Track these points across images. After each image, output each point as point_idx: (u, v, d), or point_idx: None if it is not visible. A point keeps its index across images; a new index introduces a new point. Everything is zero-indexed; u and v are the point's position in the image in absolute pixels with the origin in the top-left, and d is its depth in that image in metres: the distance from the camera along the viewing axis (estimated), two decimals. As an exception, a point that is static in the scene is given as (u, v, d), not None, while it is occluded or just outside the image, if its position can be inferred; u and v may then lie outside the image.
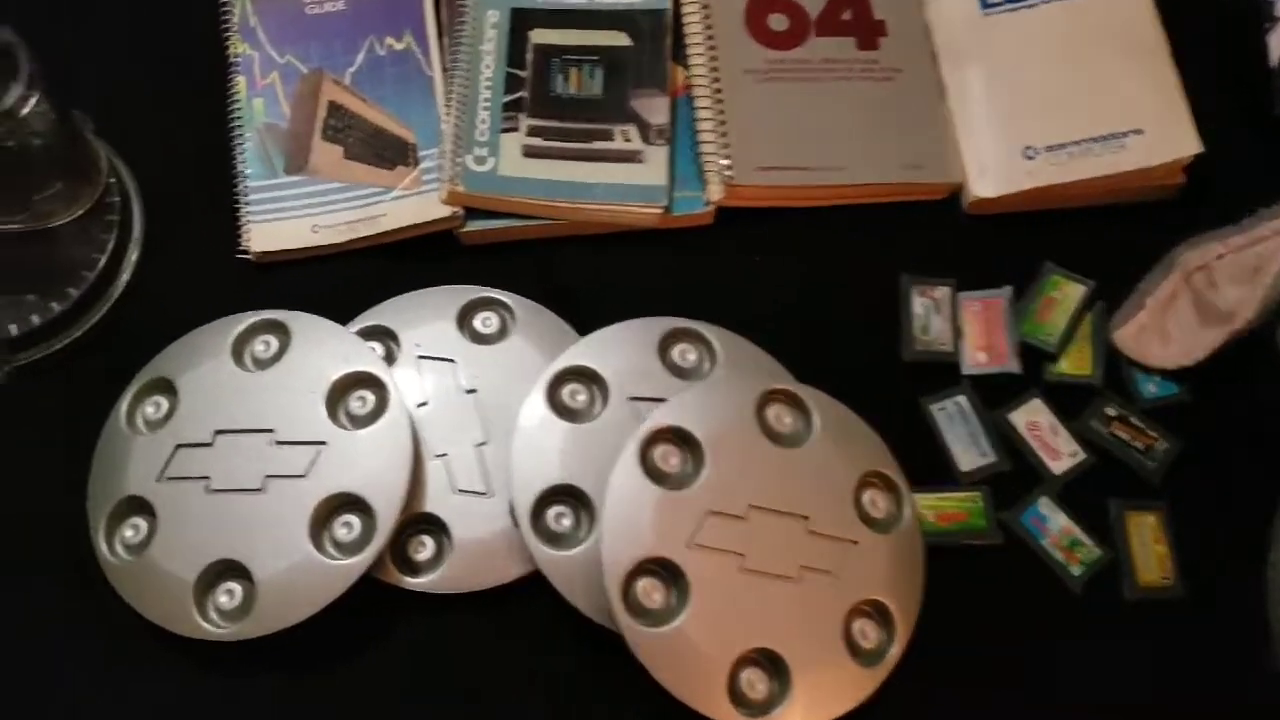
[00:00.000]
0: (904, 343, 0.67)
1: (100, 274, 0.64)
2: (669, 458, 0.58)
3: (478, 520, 0.60)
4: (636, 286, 0.68)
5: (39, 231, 0.64)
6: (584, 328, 0.65)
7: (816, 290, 0.68)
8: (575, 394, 0.61)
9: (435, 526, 0.60)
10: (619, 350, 0.62)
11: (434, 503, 0.60)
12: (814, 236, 0.70)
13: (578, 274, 0.69)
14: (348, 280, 0.68)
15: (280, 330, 0.63)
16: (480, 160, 0.68)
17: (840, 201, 0.70)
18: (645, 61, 0.71)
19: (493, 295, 0.66)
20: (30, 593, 0.61)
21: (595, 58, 0.71)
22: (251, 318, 0.63)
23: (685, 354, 0.63)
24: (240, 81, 0.71)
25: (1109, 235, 0.70)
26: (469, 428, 0.62)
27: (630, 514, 0.57)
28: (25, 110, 0.57)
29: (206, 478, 0.59)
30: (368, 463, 0.59)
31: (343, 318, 0.65)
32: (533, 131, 0.69)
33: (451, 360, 0.64)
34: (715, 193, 0.68)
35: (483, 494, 0.60)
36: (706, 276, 0.69)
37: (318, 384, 0.60)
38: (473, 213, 0.68)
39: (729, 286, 0.68)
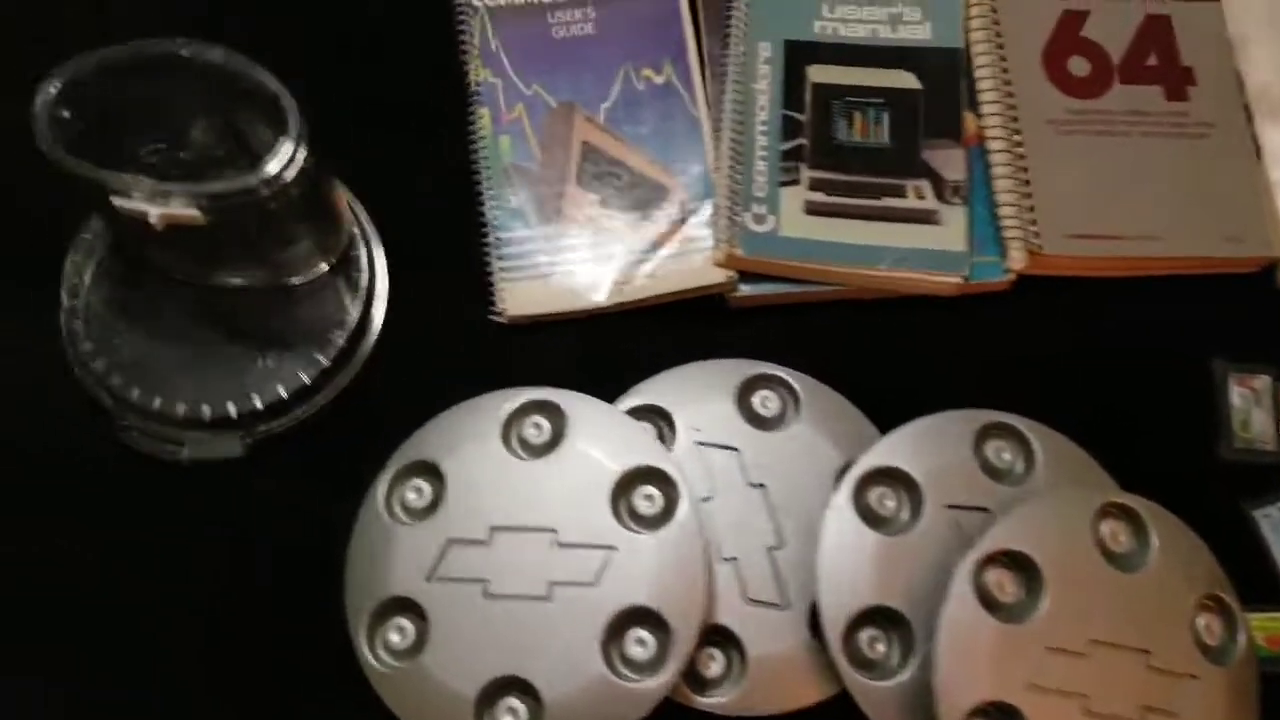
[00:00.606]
0: (1222, 440, 0.60)
1: (349, 337, 0.59)
2: (1004, 585, 0.52)
3: (773, 634, 0.54)
4: (920, 358, 0.62)
5: (280, 289, 0.58)
6: (869, 407, 0.59)
7: (1119, 372, 0.62)
8: (884, 499, 0.55)
9: (726, 639, 0.54)
10: (930, 448, 0.56)
11: (724, 613, 0.54)
12: (1115, 309, 0.63)
13: (854, 342, 0.62)
14: (602, 343, 0.62)
15: (552, 412, 0.57)
16: (759, 219, 0.61)
17: (1146, 272, 0.63)
18: (937, 107, 0.63)
19: (773, 372, 0.59)
20: (283, 682, 0.56)
21: (881, 100, 0.63)
22: (520, 397, 0.57)
23: (1001, 453, 0.57)
24: (484, 114, 0.64)
25: None
26: (759, 528, 0.56)
27: (967, 650, 0.51)
28: (292, 172, 0.50)
29: (485, 580, 0.53)
30: (661, 572, 0.53)
31: (600, 387, 0.59)
32: (815, 185, 0.62)
33: (734, 449, 0.57)
34: (1017, 260, 0.61)
35: (778, 605, 0.55)
36: (997, 350, 0.62)
37: (601, 479, 0.55)
38: (745, 274, 0.62)
39: (1022, 363, 0.62)
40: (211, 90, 0.53)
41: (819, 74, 0.64)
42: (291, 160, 0.50)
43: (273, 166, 0.49)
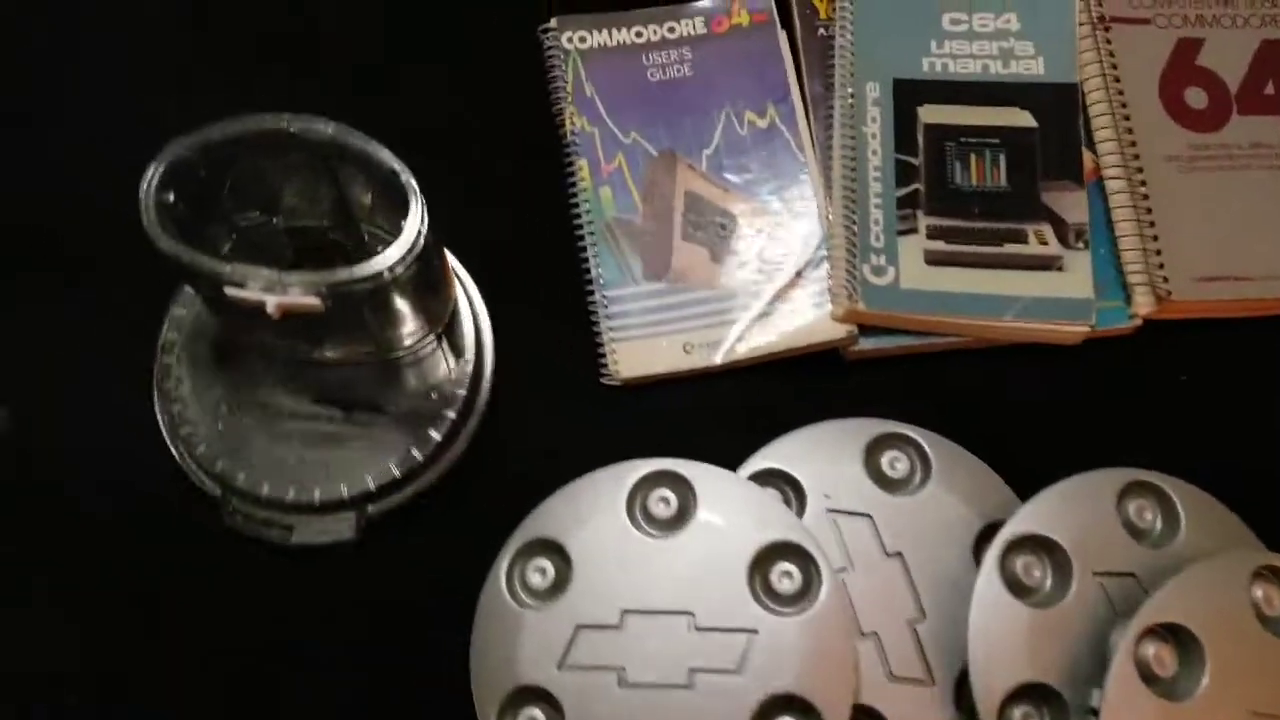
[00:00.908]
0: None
1: (459, 407, 0.56)
2: (1164, 661, 0.50)
3: (919, 713, 0.52)
4: (1043, 408, 0.60)
5: (386, 362, 0.55)
6: (994, 460, 0.57)
7: (1256, 420, 0.60)
8: (1030, 568, 0.53)
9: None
10: (1073, 512, 0.54)
11: (868, 692, 0.52)
12: (1245, 351, 0.61)
13: (973, 392, 0.60)
14: (717, 402, 0.59)
15: (678, 483, 0.54)
16: (878, 271, 0.58)
17: (1272, 313, 0.61)
18: (1054, 146, 0.61)
19: (900, 430, 0.57)
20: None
21: (996, 141, 0.61)
22: (643, 469, 0.54)
23: (1143, 512, 0.55)
24: (582, 166, 0.61)
25: None
26: (898, 600, 0.54)
27: (1132, 729, 0.49)
28: (415, 254, 0.48)
29: (620, 668, 0.51)
30: (807, 655, 0.51)
31: (719, 449, 0.56)
32: (933, 233, 0.59)
33: (867, 515, 0.55)
34: (1144, 305, 0.59)
35: (922, 682, 0.53)
36: (1124, 400, 0.60)
37: (736, 556, 0.52)
38: (864, 327, 0.59)
39: (1151, 413, 0.60)
40: (314, 162, 0.50)
41: (931, 114, 0.61)
42: (415, 243, 0.47)
43: (396, 251, 0.46)
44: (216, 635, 0.55)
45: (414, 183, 0.48)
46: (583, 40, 0.63)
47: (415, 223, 0.47)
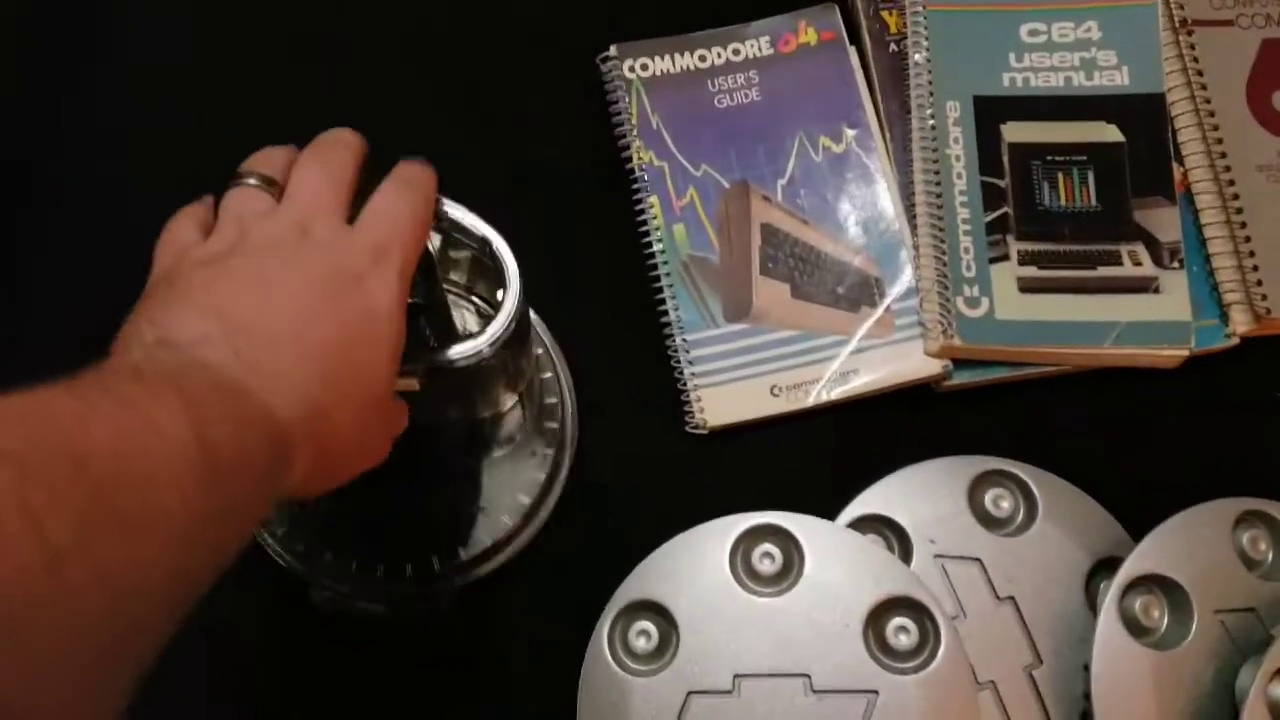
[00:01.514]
0: None
1: (550, 469, 0.54)
2: (1295, 702, 0.49)
3: (1041, 762, 0.52)
4: (1143, 434, 0.58)
5: (471, 427, 0.53)
6: (1097, 491, 0.55)
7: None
8: (1149, 608, 0.51)
9: (993, 772, 0.51)
10: (1190, 549, 0.52)
11: (988, 744, 0.52)
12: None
13: (1069, 421, 0.58)
14: (803, 443, 0.57)
15: (781, 537, 0.52)
16: (972, 302, 0.56)
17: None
18: (1143, 161, 0.58)
19: (1002, 467, 0.55)
20: None
21: (1084, 158, 0.59)
22: (743, 524, 0.53)
23: (1257, 543, 0.53)
24: (653, 203, 0.59)
25: None
26: (1014, 647, 0.52)
27: (1269, 779, 0.48)
28: (512, 328, 0.45)
29: (737, 735, 0.50)
30: (930, 715, 0.49)
31: (815, 494, 0.55)
32: (1025, 259, 0.57)
33: (977, 559, 0.54)
34: (1242, 324, 0.57)
35: (1043, 730, 0.52)
36: (1226, 421, 0.59)
37: (851, 614, 0.51)
38: (956, 361, 0.57)
39: (1256, 433, 0.58)
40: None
41: (1014, 132, 0.59)
42: (513, 319, 0.45)
43: (496, 329, 0.44)
44: (311, 712, 0.53)
45: (510, 256, 0.45)
46: (644, 68, 0.60)
47: (513, 301, 0.45)
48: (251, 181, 0.42)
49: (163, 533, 0.30)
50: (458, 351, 0.44)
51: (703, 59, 0.61)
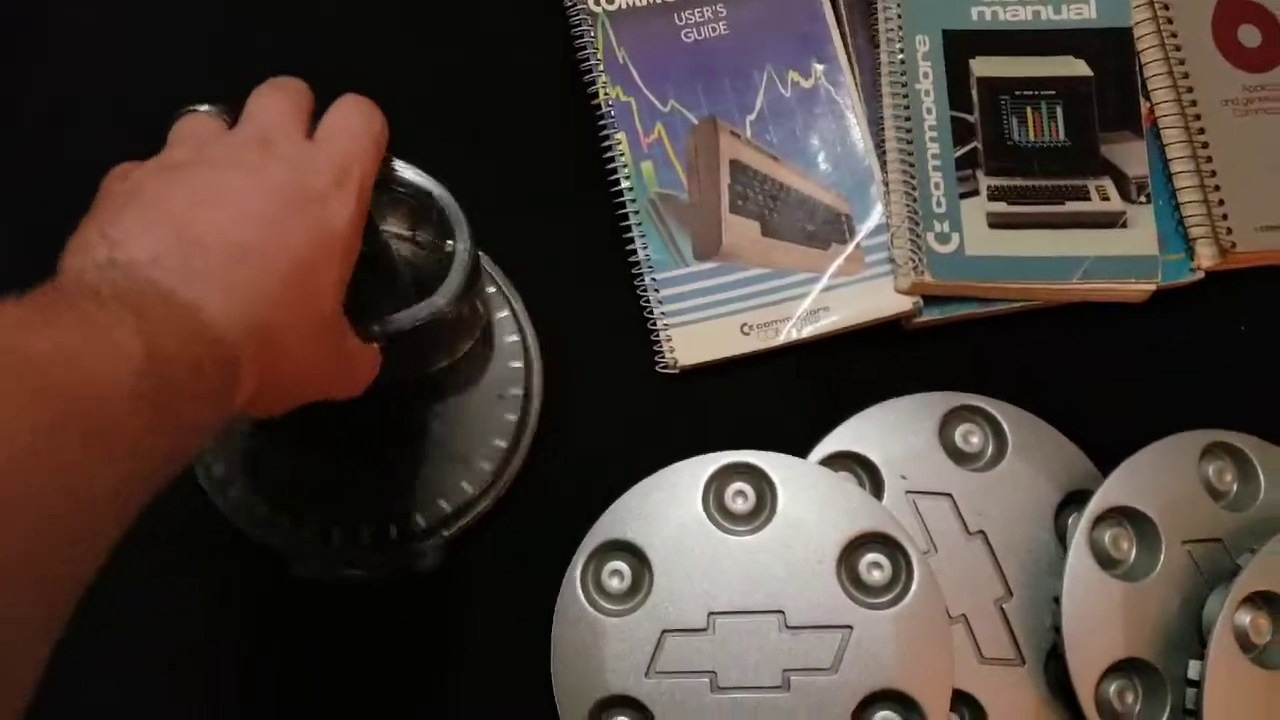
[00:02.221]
0: None
1: (521, 414, 0.53)
2: (1260, 628, 0.50)
3: (1012, 693, 0.51)
4: (1110, 368, 0.58)
5: (427, 380, 0.52)
6: (1066, 426, 0.56)
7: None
8: (1118, 540, 0.52)
9: (966, 704, 0.51)
10: (1158, 480, 0.52)
11: (961, 676, 0.51)
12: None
13: (1039, 357, 0.58)
14: (774, 382, 0.57)
15: (754, 475, 0.52)
16: (943, 238, 0.56)
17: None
18: (1111, 96, 0.58)
19: (972, 403, 0.55)
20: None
21: (1052, 93, 0.58)
22: (716, 462, 0.52)
23: (1223, 474, 0.54)
24: (620, 139, 0.57)
25: None
26: (985, 581, 0.53)
27: (1232, 703, 0.49)
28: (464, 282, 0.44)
29: (711, 673, 0.49)
30: (904, 649, 0.49)
31: (786, 433, 0.55)
32: (995, 194, 0.57)
33: (947, 495, 0.54)
34: (1207, 258, 0.58)
35: (1013, 662, 0.52)
36: (1187, 354, 0.59)
37: (824, 550, 0.50)
38: (927, 297, 0.57)
39: (1219, 366, 0.59)
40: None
41: (983, 67, 0.58)
42: (466, 271, 0.43)
43: (451, 286, 0.43)
44: (309, 679, 0.53)
45: (456, 208, 0.44)
46: (610, 1, 0.59)
47: (465, 253, 0.44)
48: (203, 108, 0.41)
49: (116, 440, 0.30)
50: (413, 314, 0.43)
51: (669, -8, 0.60)
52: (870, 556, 0.51)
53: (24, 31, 0.60)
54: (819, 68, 0.59)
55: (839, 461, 0.55)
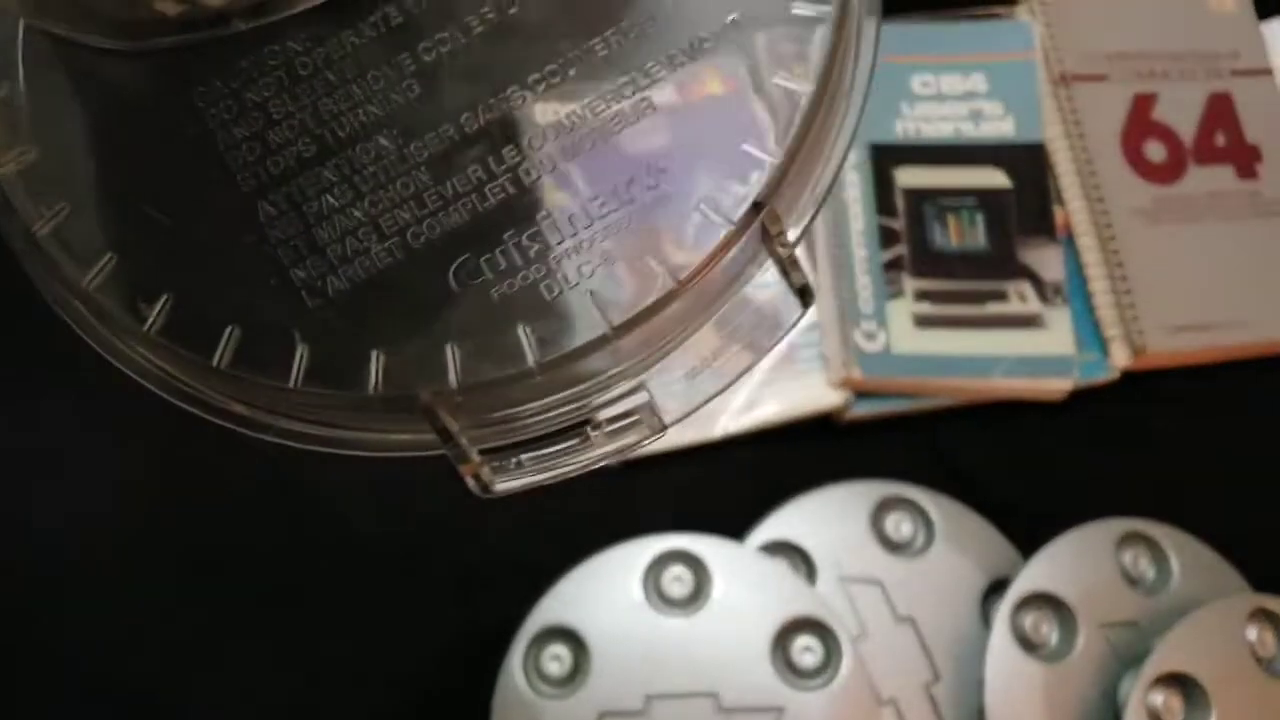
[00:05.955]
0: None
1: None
2: (1173, 709, 0.52)
3: (941, 775, 0.54)
4: (1033, 461, 0.61)
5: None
6: (994, 516, 0.58)
7: (1240, 465, 0.62)
8: (1038, 624, 0.54)
9: (895, 786, 0.53)
10: (1076, 567, 0.55)
11: (890, 758, 0.53)
12: (1225, 395, 0.63)
13: (964, 450, 0.61)
14: (711, 471, 0.59)
15: (691, 561, 0.54)
16: (870, 336, 0.59)
17: (1237, 358, 0.64)
18: (1028, 204, 0.62)
19: (902, 494, 0.58)
20: None
21: (973, 201, 0.62)
22: (656, 547, 0.54)
23: (1138, 561, 0.56)
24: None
25: None
26: (913, 665, 0.55)
27: (1150, 782, 0.51)
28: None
29: (648, 756, 0.51)
30: (833, 729, 0.51)
31: (722, 520, 0.56)
32: (920, 296, 0.60)
33: (878, 582, 0.56)
34: (1121, 358, 0.61)
35: (942, 744, 0.54)
36: (1105, 448, 0.62)
37: (758, 634, 0.52)
38: (858, 393, 0.60)
39: (1129, 460, 0.62)
40: None
41: (907, 176, 0.62)
42: None
43: None
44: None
45: None
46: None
47: None
48: None
49: None
50: None
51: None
52: (802, 641, 0.53)
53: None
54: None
55: (775, 549, 0.57)
